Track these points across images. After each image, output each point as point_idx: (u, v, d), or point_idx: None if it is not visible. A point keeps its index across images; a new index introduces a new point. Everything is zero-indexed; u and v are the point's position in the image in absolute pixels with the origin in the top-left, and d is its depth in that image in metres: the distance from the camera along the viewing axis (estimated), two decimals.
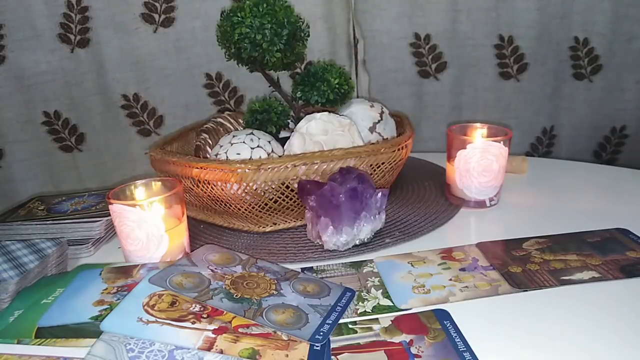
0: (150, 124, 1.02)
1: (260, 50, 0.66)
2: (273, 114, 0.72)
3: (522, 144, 1.10)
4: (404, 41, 1.02)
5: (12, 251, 0.59)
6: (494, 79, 1.04)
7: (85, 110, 0.97)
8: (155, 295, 0.48)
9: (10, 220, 0.72)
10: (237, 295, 0.49)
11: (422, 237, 0.65)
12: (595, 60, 1.01)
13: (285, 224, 0.68)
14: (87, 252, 0.66)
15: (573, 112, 1.06)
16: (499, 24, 1.00)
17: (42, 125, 0.96)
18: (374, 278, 0.55)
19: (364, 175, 0.61)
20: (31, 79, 0.92)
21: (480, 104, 1.07)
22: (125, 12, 0.93)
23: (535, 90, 1.05)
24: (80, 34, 0.92)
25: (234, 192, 0.63)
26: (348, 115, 0.74)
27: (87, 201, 0.78)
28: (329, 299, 0.50)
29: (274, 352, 0.42)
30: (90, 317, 0.47)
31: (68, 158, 1.00)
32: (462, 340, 0.44)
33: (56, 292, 0.51)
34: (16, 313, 0.48)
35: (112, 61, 0.95)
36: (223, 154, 0.66)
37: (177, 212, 0.59)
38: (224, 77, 1.01)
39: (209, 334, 0.43)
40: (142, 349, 0.42)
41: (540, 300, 0.50)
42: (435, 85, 1.06)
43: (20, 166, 0.98)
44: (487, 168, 0.70)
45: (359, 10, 1.00)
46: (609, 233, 0.62)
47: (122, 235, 0.57)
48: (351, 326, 0.47)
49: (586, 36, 0.99)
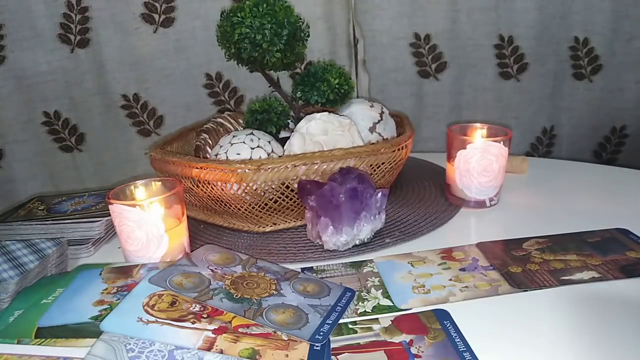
0: (150, 124, 1.02)
1: (260, 50, 0.66)
2: (273, 114, 0.72)
3: (522, 144, 1.10)
4: (404, 41, 1.02)
5: (12, 251, 0.59)
6: (494, 79, 1.04)
7: (85, 110, 0.97)
8: (155, 295, 0.48)
9: (10, 220, 0.72)
10: (237, 295, 0.49)
11: (422, 237, 0.65)
12: (595, 60, 1.01)
13: (285, 224, 0.68)
14: (87, 252, 0.66)
15: (573, 112, 1.06)
16: (499, 24, 1.00)
17: (42, 125, 0.96)
18: (374, 278, 0.55)
19: (364, 176, 0.61)
20: (31, 79, 0.92)
21: (480, 104, 1.07)
22: (125, 12, 0.93)
23: (535, 90, 1.05)
24: (80, 34, 0.92)
25: (234, 192, 0.63)
26: (348, 115, 0.74)
27: (87, 201, 0.78)
28: (329, 299, 0.50)
29: (274, 352, 0.42)
30: (90, 317, 0.47)
31: (68, 158, 1.00)
32: (462, 340, 0.44)
33: (56, 292, 0.51)
34: (16, 313, 0.48)
35: (112, 61, 0.95)
36: (223, 154, 0.66)
37: (177, 212, 0.59)
38: (224, 77, 1.01)
39: (209, 334, 0.43)
40: (142, 349, 0.42)
41: (540, 300, 0.50)
42: (435, 85, 1.06)
43: (20, 166, 0.98)
44: (487, 168, 0.70)
45: (359, 10, 1.00)
46: (609, 233, 0.62)
47: (122, 235, 0.57)
48: (351, 326, 0.47)
49: (586, 36, 0.99)
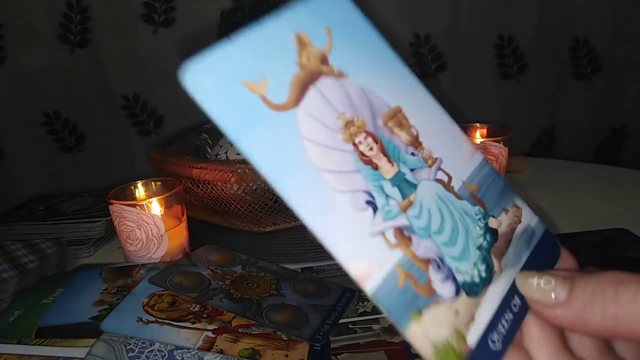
0: (150, 124, 1.02)
1: None
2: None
3: (522, 144, 1.10)
4: (404, 41, 1.02)
5: (12, 251, 0.59)
6: (494, 79, 1.04)
7: (85, 110, 0.97)
8: (155, 295, 0.48)
9: (10, 220, 0.72)
10: (237, 295, 0.49)
11: None
12: (595, 60, 1.01)
13: (285, 224, 0.68)
14: (87, 252, 0.66)
15: (573, 112, 1.06)
16: (499, 24, 1.00)
17: (42, 125, 0.97)
18: None
19: None
20: (31, 79, 0.92)
21: (480, 104, 1.07)
22: (125, 12, 0.93)
23: (535, 90, 1.05)
24: (80, 34, 0.92)
25: (234, 192, 0.63)
26: None
27: (87, 201, 0.78)
28: (329, 299, 0.50)
29: (274, 352, 0.42)
30: (90, 317, 0.47)
31: (68, 158, 1.00)
32: None
33: (56, 292, 0.51)
34: (16, 313, 0.48)
35: (112, 61, 0.95)
36: (223, 154, 0.66)
37: (177, 212, 0.59)
38: None
39: (209, 334, 0.43)
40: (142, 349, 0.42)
41: None
42: (435, 85, 1.06)
43: (20, 166, 0.98)
44: None
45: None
46: (609, 233, 0.62)
47: (122, 235, 0.57)
48: (351, 326, 0.47)
49: (586, 36, 1.00)
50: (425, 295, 0.19)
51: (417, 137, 0.22)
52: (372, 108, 0.21)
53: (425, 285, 0.19)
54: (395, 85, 0.22)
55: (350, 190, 0.19)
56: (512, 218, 0.22)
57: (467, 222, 0.21)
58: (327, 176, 0.19)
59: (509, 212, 0.22)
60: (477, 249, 0.20)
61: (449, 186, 0.21)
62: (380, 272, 0.18)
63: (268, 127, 0.18)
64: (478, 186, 0.22)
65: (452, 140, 0.23)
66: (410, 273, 0.19)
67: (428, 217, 0.20)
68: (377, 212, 0.19)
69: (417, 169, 0.21)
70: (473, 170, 0.22)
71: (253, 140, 0.17)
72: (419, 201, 0.20)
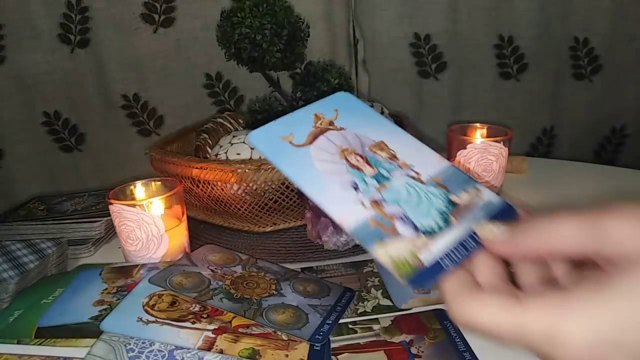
0: (150, 124, 1.02)
1: (260, 50, 0.66)
2: (273, 114, 0.72)
3: (522, 144, 1.10)
4: (404, 41, 1.02)
5: (12, 251, 0.59)
6: (494, 79, 1.04)
7: (85, 110, 0.97)
8: (155, 295, 0.48)
9: (10, 220, 0.73)
10: (237, 295, 0.49)
11: None
12: (595, 60, 1.01)
13: (285, 224, 0.68)
14: (87, 252, 0.66)
15: (573, 112, 1.06)
16: (499, 24, 1.00)
17: (42, 126, 0.96)
18: (374, 278, 0.55)
19: None
20: (31, 79, 0.92)
21: (480, 104, 1.07)
22: (125, 12, 0.93)
23: (535, 90, 1.04)
24: (80, 34, 0.92)
25: (234, 192, 0.63)
26: None
27: (87, 201, 0.78)
28: (329, 299, 0.50)
29: (274, 352, 0.42)
30: (90, 317, 0.47)
31: (68, 158, 1.00)
32: (462, 340, 0.44)
33: (56, 292, 0.51)
34: (16, 313, 0.48)
35: (112, 61, 0.95)
36: (223, 154, 0.66)
37: (177, 212, 0.59)
38: (224, 77, 1.01)
39: (209, 334, 0.43)
40: (142, 349, 0.42)
41: None
42: (435, 85, 1.06)
43: (20, 166, 0.98)
44: (487, 168, 0.70)
45: (359, 10, 1.00)
46: None
47: (122, 235, 0.57)
48: (351, 326, 0.47)
49: (586, 36, 0.99)
50: (390, 234, 0.27)
51: (395, 154, 0.32)
52: (362, 143, 0.32)
53: (390, 227, 0.27)
54: (381, 131, 0.33)
55: (341, 181, 0.30)
56: (473, 196, 0.29)
57: (431, 198, 0.29)
58: (327, 176, 0.30)
59: (470, 192, 0.30)
60: (438, 212, 0.28)
61: (418, 178, 0.30)
62: (357, 219, 0.27)
63: (293, 155, 0.31)
64: (442, 179, 0.30)
65: (422, 155, 0.32)
66: (379, 222, 0.28)
67: (397, 194, 0.29)
68: (359, 191, 0.29)
69: (393, 170, 0.31)
70: (439, 170, 0.31)
71: (285, 162, 0.30)
72: (391, 185, 0.30)
